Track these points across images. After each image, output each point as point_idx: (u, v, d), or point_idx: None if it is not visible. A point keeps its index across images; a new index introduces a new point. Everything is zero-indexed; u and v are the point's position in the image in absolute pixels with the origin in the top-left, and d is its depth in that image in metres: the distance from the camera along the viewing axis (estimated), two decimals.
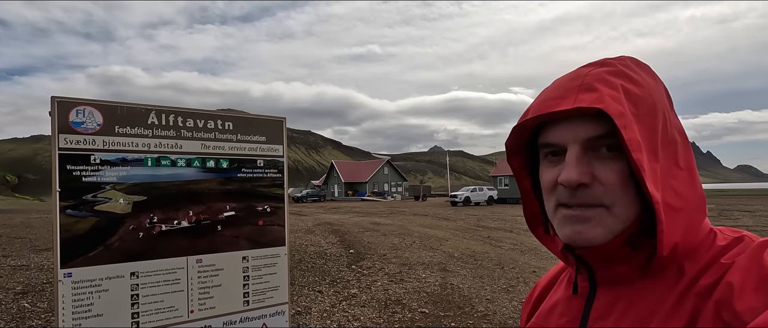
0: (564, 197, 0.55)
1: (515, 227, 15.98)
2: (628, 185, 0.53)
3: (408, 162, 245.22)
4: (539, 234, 0.67)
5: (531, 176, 0.65)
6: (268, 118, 2.01)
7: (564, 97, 0.54)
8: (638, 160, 0.49)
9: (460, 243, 11.50)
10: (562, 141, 0.55)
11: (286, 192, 2.04)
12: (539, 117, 0.56)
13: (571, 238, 0.55)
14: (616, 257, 0.55)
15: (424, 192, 51.57)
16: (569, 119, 0.54)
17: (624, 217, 0.53)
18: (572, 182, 0.53)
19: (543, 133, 0.58)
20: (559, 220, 0.57)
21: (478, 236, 13.31)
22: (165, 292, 1.71)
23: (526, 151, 0.64)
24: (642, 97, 0.53)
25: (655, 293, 0.53)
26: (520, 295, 6.07)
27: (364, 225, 16.75)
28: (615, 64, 0.56)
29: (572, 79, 0.56)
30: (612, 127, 0.51)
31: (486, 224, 17.48)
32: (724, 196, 50.97)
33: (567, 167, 0.54)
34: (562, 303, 0.64)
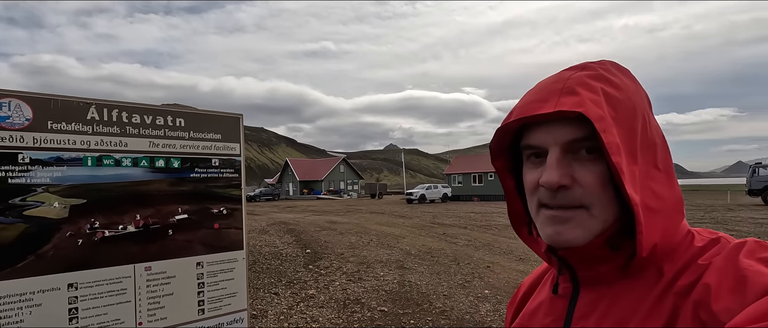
0: (545, 198, 0.56)
1: (469, 223, 16.44)
2: (607, 186, 0.54)
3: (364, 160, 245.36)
4: (523, 235, 0.68)
5: (514, 176, 0.66)
6: (224, 114, 1.90)
7: (546, 100, 0.55)
8: (617, 162, 0.50)
9: (416, 240, 11.64)
10: (543, 143, 0.56)
11: (243, 193, 1.94)
12: (522, 120, 0.57)
13: (552, 238, 0.56)
14: (596, 257, 0.56)
15: (380, 190, 51.83)
16: (551, 122, 0.56)
17: (603, 218, 0.55)
18: (553, 183, 0.54)
19: (526, 135, 0.59)
20: (541, 221, 0.58)
21: (434, 233, 13.55)
22: (108, 304, 1.55)
23: (510, 153, 0.66)
24: (622, 101, 0.54)
25: (635, 292, 0.54)
26: (476, 290, 6.23)
27: (321, 224, 16.54)
28: (595, 68, 0.57)
29: (554, 82, 0.57)
30: (592, 130, 0.52)
31: (441, 221, 17.84)
32: None
33: (548, 169, 0.55)
34: (546, 304, 0.65)
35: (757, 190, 23.86)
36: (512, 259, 8.68)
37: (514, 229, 0.69)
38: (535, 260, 8.48)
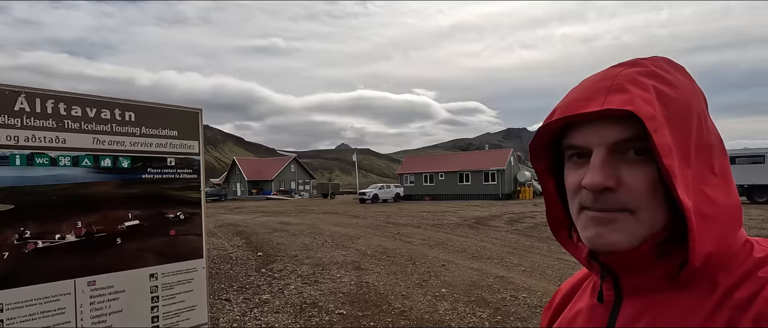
0: (587, 200, 0.53)
1: (422, 222, 16.65)
2: (656, 190, 0.51)
3: (315, 159, 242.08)
4: (563, 239, 0.64)
5: (555, 177, 0.63)
6: (181, 109, 1.71)
7: (592, 98, 0.52)
8: (669, 165, 0.48)
9: (372, 240, 11.59)
10: (586, 144, 0.54)
11: (203, 196, 1.76)
12: (565, 119, 0.55)
13: (593, 241, 0.54)
14: (642, 265, 0.53)
15: (332, 190, 51.27)
16: (596, 121, 0.53)
17: (650, 223, 0.51)
18: (596, 185, 0.51)
19: (568, 134, 0.57)
20: (581, 222, 0.55)
21: (389, 232, 13.57)
22: (44, 326, 1.33)
23: (551, 152, 0.62)
24: (675, 100, 0.51)
25: (685, 304, 0.51)
26: (433, 289, 6.28)
27: (272, 225, 16.03)
28: (647, 65, 0.54)
29: (602, 79, 0.54)
30: (642, 130, 0.49)
31: (395, 220, 17.93)
32: None
33: (591, 170, 0.52)
34: (585, 312, 0.62)
35: None
36: (466, 257, 8.87)
37: (552, 232, 0.66)
38: (488, 257, 8.73)
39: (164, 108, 1.66)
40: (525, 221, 16.27)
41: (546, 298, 5.63)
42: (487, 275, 7.06)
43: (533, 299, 5.60)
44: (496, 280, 6.73)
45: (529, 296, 5.75)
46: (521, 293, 5.91)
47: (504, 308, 5.31)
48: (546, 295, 5.78)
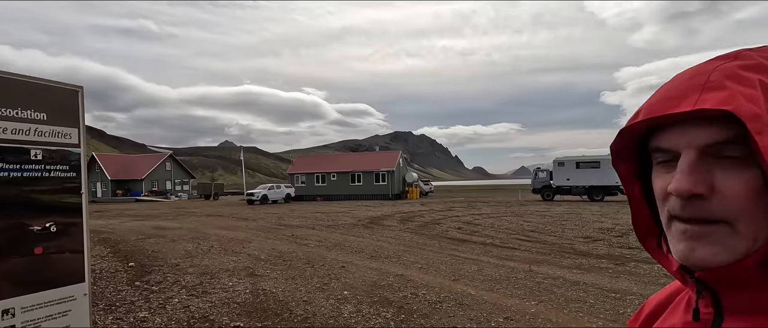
0: (675, 208, 0.48)
1: (317, 224, 16.34)
2: (759, 198, 0.45)
3: (195, 157, 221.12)
4: (651, 247, 0.58)
5: (641, 180, 0.57)
6: (54, 85, 1.28)
7: (684, 96, 0.47)
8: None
9: (265, 244, 10.94)
10: (674, 147, 0.48)
11: (84, 200, 1.36)
12: (650, 121, 0.49)
13: (684, 255, 0.49)
14: (746, 281, 0.47)
15: (216, 190, 47.38)
16: (687, 121, 0.47)
17: (751, 236, 0.45)
18: (682, 191, 0.46)
19: (655, 135, 0.51)
20: (672, 234, 0.50)
21: (282, 234, 12.99)
22: None
23: (635, 154, 0.57)
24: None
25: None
26: (335, 292, 6.11)
27: (145, 231, 14.14)
28: (752, 57, 0.47)
29: (695, 75, 0.48)
30: (741, 130, 0.43)
31: (288, 222, 17.28)
32: (468, 190, 65.42)
33: (678, 174, 0.47)
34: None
35: (537, 189, 30.51)
36: (365, 257, 8.90)
37: (639, 240, 0.59)
38: (386, 257, 8.89)
39: (27, 82, 1.22)
40: (415, 220, 17.07)
41: (445, 293, 5.91)
42: (386, 275, 7.15)
43: (432, 296, 5.82)
44: (396, 278, 6.86)
45: (429, 293, 5.96)
46: (421, 290, 6.10)
47: (406, 306, 5.40)
48: (444, 290, 6.06)
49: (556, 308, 5.22)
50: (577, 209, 21.37)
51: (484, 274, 7.05)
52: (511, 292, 5.95)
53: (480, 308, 5.25)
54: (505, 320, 4.80)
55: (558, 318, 4.83)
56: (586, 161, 28.74)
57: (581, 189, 28.53)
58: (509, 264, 7.90)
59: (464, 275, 7.03)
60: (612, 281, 6.53)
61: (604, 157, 28.70)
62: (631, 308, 5.14)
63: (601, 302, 5.41)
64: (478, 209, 22.36)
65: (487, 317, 4.90)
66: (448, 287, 6.28)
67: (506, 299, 5.59)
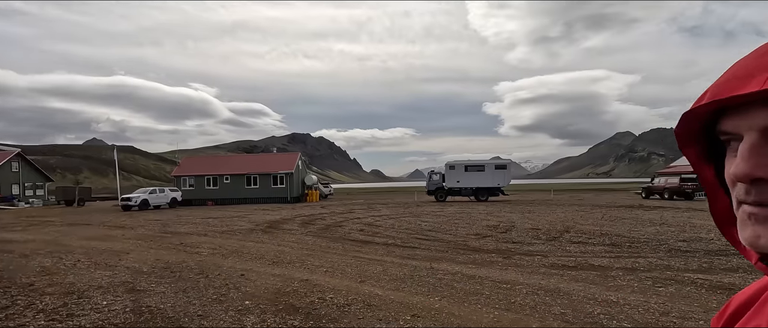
0: (741, 193, 0.47)
1: (209, 230, 15.07)
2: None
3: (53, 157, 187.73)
4: (733, 238, 0.54)
5: (715, 164, 0.54)
6: None
7: (751, 76, 0.44)
8: None
9: (147, 255, 9.71)
10: (735, 129, 0.47)
11: None
12: (716, 103, 0.46)
13: (751, 241, 0.47)
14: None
15: (81, 195, 40.72)
16: (756, 103, 0.44)
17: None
18: (741, 175, 0.45)
19: (722, 119, 0.49)
20: (740, 219, 0.48)
21: (169, 243, 11.69)
22: None
23: (705, 138, 0.54)
24: None
25: None
26: (234, 303, 5.66)
27: None
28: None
29: (763, 54, 0.45)
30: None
31: (175, 229, 15.62)
32: (367, 193, 66.68)
33: (738, 158, 0.46)
34: None
35: (431, 191, 32.40)
36: (266, 263, 8.43)
37: (719, 229, 0.56)
38: (289, 262, 8.54)
39: None
40: (317, 223, 16.78)
41: (352, 296, 5.86)
42: (291, 281, 6.86)
43: (340, 299, 5.73)
44: (301, 284, 6.62)
45: (336, 296, 5.86)
46: (328, 295, 5.97)
47: (314, 311, 5.23)
48: (351, 293, 6.02)
49: (457, 302, 5.53)
50: (466, 208, 23.15)
51: (389, 274, 7.19)
52: (416, 290, 6.16)
53: (388, 307, 5.32)
54: (413, 317, 4.93)
55: (460, 311, 5.12)
56: (473, 165, 31.37)
57: (470, 190, 31.03)
58: (412, 263, 8.18)
59: (370, 276, 7.08)
60: (502, 273, 7.16)
61: (489, 162, 31.68)
62: (519, 296, 5.68)
63: (495, 293, 5.88)
64: (378, 211, 22.86)
65: (395, 316, 4.97)
66: (356, 289, 6.26)
67: (412, 297, 5.76)
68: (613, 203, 26.24)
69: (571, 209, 21.68)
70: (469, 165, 31.35)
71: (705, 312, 4.90)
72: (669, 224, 13.85)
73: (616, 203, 25.41)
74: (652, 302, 5.29)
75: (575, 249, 9.44)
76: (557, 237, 11.35)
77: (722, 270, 7.04)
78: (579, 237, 11.25)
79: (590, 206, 23.12)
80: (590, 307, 5.16)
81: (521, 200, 30.89)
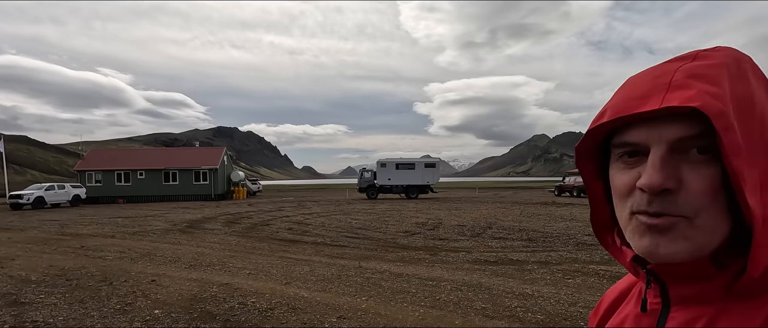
0: (642, 203, 0.48)
1: (118, 231, 13.67)
2: (719, 194, 0.47)
3: None
4: (607, 243, 0.60)
5: (602, 181, 0.58)
6: None
7: (648, 95, 0.48)
8: (738, 167, 0.44)
9: (37, 260, 8.52)
10: (644, 141, 0.49)
11: None
12: (619, 120, 0.50)
13: (648, 251, 0.49)
14: (695, 274, 0.49)
15: None
16: (654, 119, 0.48)
17: (710, 230, 0.47)
18: (655, 186, 0.47)
19: (619, 133, 0.52)
20: (633, 229, 0.50)
21: (67, 246, 10.39)
22: None
23: (597, 154, 0.58)
24: (742, 95, 0.47)
25: (740, 314, 0.48)
26: (142, 312, 5.13)
27: None
28: (713, 56, 0.50)
29: (658, 75, 0.50)
30: (706, 127, 0.45)
31: (76, 230, 13.95)
32: (298, 190, 65.13)
33: (650, 169, 0.47)
34: (630, 321, 0.59)
35: (363, 188, 32.52)
36: (181, 267, 7.79)
37: (596, 237, 0.61)
38: (208, 265, 7.98)
39: None
40: (242, 222, 15.98)
41: (276, 299, 5.60)
42: (209, 285, 6.40)
43: (263, 303, 5.45)
44: (221, 288, 6.20)
45: (259, 300, 5.56)
46: (250, 299, 5.64)
47: (233, 317, 4.91)
48: (275, 296, 5.75)
49: (384, 300, 5.52)
50: (397, 206, 23.53)
51: (316, 274, 7.00)
52: (343, 290, 6.05)
53: (313, 310, 5.15)
54: (339, 319, 4.82)
55: (386, 311, 5.11)
56: (404, 163, 31.99)
57: (400, 188, 31.60)
58: (340, 262, 8.06)
59: (296, 277, 6.84)
60: (428, 270, 7.31)
61: (418, 160, 32.50)
62: (444, 293, 5.82)
63: (421, 290, 5.97)
64: (308, 209, 22.38)
65: (320, 319, 4.83)
66: (280, 291, 5.99)
67: (339, 298, 5.64)
68: (530, 200, 28.29)
69: (493, 205, 22.96)
70: (400, 163, 31.90)
71: None
72: (577, 219, 15.20)
73: (533, 201, 27.43)
74: (562, 294, 5.70)
75: (496, 245, 9.96)
76: (481, 233, 11.91)
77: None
78: (500, 233, 11.91)
79: (510, 203, 24.69)
80: (508, 300, 5.42)
81: (449, 198, 32.14)
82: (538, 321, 4.67)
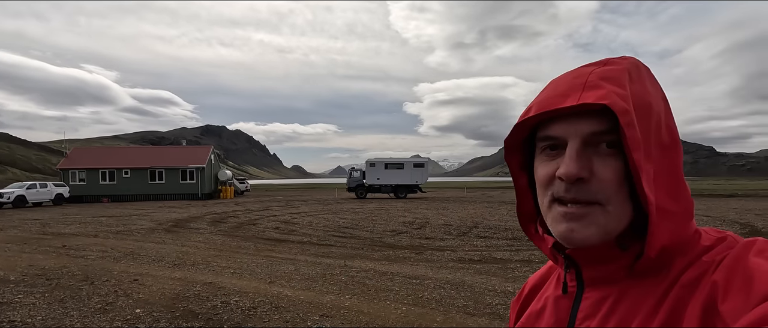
0: (560, 191, 0.55)
1: (101, 230, 13.48)
2: (623, 184, 0.54)
3: None
4: (530, 232, 0.66)
5: (527, 173, 0.64)
6: None
7: (568, 94, 0.55)
8: (637, 159, 0.50)
9: (17, 260, 8.38)
10: (563, 134, 0.56)
11: None
12: (542, 115, 0.56)
13: (565, 236, 0.55)
14: (603, 256, 0.56)
15: None
16: (571, 116, 0.55)
17: (618, 215, 0.54)
18: (571, 175, 0.53)
19: (542, 128, 0.58)
20: (552, 217, 0.57)
21: (48, 245, 10.22)
22: None
23: (523, 148, 0.64)
24: (641, 97, 0.54)
25: (640, 290, 0.54)
26: (124, 312, 5.09)
27: None
28: (619, 63, 0.57)
29: (576, 77, 0.57)
30: (614, 124, 0.52)
31: (58, 229, 13.72)
32: (287, 189, 64.75)
33: (567, 160, 0.54)
34: (550, 303, 0.64)
35: (352, 187, 32.46)
36: (165, 266, 7.74)
37: (521, 227, 0.67)
38: (192, 264, 7.93)
39: None
40: (229, 221, 15.88)
41: (260, 298, 5.60)
42: (192, 284, 6.37)
43: (246, 302, 5.44)
44: (204, 287, 6.18)
45: (242, 299, 5.56)
46: (233, 298, 5.64)
47: (216, 316, 4.90)
48: (259, 295, 5.75)
49: (367, 299, 5.56)
50: (385, 205, 23.57)
51: (301, 273, 7.01)
52: (327, 288, 6.07)
53: (296, 308, 5.17)
54: (322, 317, 4.84)
55: (369, 309, 5.15)
56: (393, 163, 32.03)
57: (389, 187, 31.65)
58: (326, 261, 8.07)
59: (281, 276, 6.84)
60: (413, 268, 7.37)
61: (407, 160, 32.58)
62: (427, 291, 5.88)
63: (405, 288, 6.02)
64: (296, 208, 22.30)
65: (303, 317, 4.85)
66: (264, 290, 5.99)
67: (322, 297, 5.67)
68: None
69: (481, 205, 23.15)
70: (389, 163, 31.94)
71: None
72: None
73: None
74: None
75: (481, 243, 10.07)
76: (467, 232, 12.02)
77: None
78: (486, 232, 12.03)
79: (498, 203, 24.91)
80: (490, 298, 5.50)
81: (437, 197, 32.29)
82: None
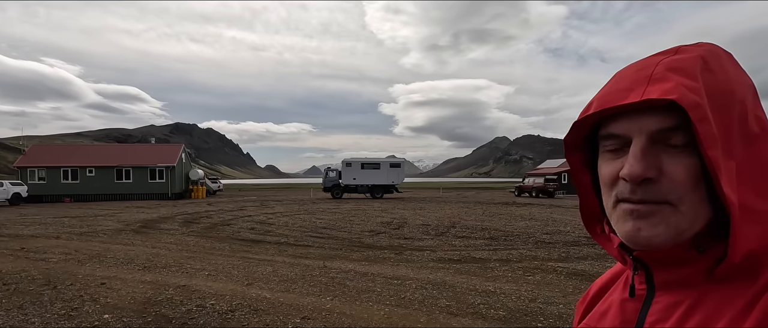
0: (625, 192, 0.51)
1: (64, 231, 12.79)
2: (699, 182, 0.49)
3: None
4: (596, 233, 0.62)
5: (590, 171, 0.60)
6: None
7: (631, 88, 0.51)
8: (714, 157, 0.46)
9: None
10: (626, 132, 0.51)
11: None
12: (603, 112, 0.52)
13: (630, 235, 0.51)
14: (678, 259, 0.52)
15: None
16: (636, 111, 0.51)
17: (691, 216, 0.49)
18: (636, 175, 0.49)
19: (605, 125, 0.54)
20: (618, 215, 0.53)
21: (4, 248, 9.61)
22: None
23: (585, 146, 0.60)
24: (719, 87, 0.49)
25: (722, 296, 0.49)
26: (90, 317, 4.81)
27: None
28: (692, 51, 0.52)
29: (640, 69, 0.52)
30: (684, 119, 0.47)
31: (15, 231, 12.94)
32: (261, 189, 63.60)
33: (631, 159, 0.50)
34: (616, 305, 0.60)
35: (328, 187, 32.19)
36: (135, 269, 7.39)
37: (586, 228, 0.63)
38: (164, 266, 7.61)
39: None
40: (201, 222, 15.39)
41: (237, 301, 5.41)
42: (165, 287, 6.10)
43: (223, 305, 5.25)
44: (177, 290, 5.92)
45: (218, 302, 5.35)
46: (209, 301, 5.42)
47: (191, 321, 4.70)
48: (236, 297, 5.55)
49: (349, 300, 5.46)
50: (362, 205, 23.46)
51: (279, 275, 6.83)
52: (308, 290, 5.94)
53: (276, 311, 5.02)
54: (303, 319, 4.72)
55: (351, 310, 5.05)
56: (369, 163, 31.95)
57: (365, 188, 31.54)
58: (304, 262, 7.92)
59: (258, 278, 6.65)
60: (393, 269, 7.32)
61: (384, 160, 32.57)
62: (409, 291, 5.84)
63: (386, 289, 5.96)
64: (271, 208, 21.89)
65: (283, 320, 4.71)
66: (241, 293, 5.80)
67: (303, 298, 5.53)
68: (492, 200, 29.04)
69: (457, 205, 23.38)
70: (365, 163, 31.83)
71: (563, 296, 5.58)
72: (536, 219, 15.74)
73: (494, 201, 28.17)
74: (522, 290, 5.86)
75: (460, 243, 10.13)
76: (445, 232, 12.08)
77: (576, 258, 8.17)
78: (463, 232, 12.12)
79: (473, 203, 25.23)
80: (472, 298, 5.51)
81: (414, 197, 32.42)
82: (500, 317, 4.78)
